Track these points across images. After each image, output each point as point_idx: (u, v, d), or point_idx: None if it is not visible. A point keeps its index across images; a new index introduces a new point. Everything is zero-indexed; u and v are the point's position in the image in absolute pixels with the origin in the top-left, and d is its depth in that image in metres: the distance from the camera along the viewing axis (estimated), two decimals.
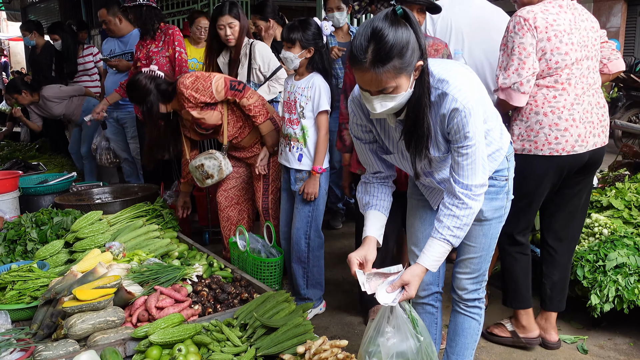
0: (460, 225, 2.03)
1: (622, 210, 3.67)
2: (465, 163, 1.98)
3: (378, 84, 1.82)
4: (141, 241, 3.53)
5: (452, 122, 1.92)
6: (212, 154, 3.76)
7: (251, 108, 3.63)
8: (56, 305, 2.71)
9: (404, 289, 2.05)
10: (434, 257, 2.06)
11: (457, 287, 2.44)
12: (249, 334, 2.61)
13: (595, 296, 3.13)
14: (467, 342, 2.47)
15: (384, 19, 1.80)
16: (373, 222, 2.25)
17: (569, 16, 2.82)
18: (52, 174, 5.19)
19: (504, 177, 2.26)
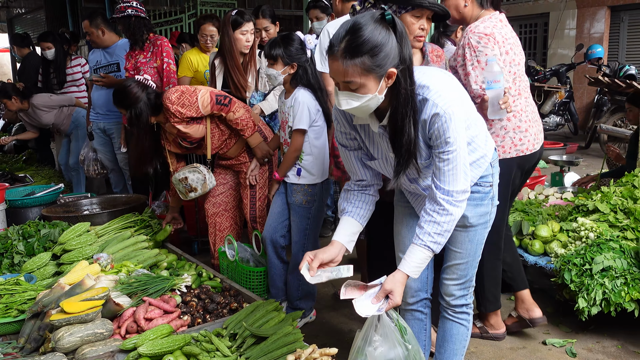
0: (441, 232, 2.03)
1: (607, 214, 3.71)
2: (446, 169, 1.99)
3: (343, 75, 1.84)
4: (129, 252, 3.52)
5: (433, 127, 1.93)
6: (196, 168, 3.75)
7: (238, 122, 3.64)
8: (44, 318, 2.69)
9: (388, 297, 2.04)
10: (415, 264, 2.06)
11: (445, 293, 2.44)
12: (238, 343, 2.61)
13: (583, 299, 3.15)
14: (455, 348, 2.47)
15: (369, 17, 1.83)
16: (343, 228, 2.26)
17: (509, 29, 3.08)
18: (39, 185, 5.16)
19: (489, 183, 2.28)
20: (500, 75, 2.69)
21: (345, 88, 1.88)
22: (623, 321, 3.34)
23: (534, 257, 3.68)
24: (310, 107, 3.25)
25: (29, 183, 5.57)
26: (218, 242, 4.03)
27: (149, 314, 2.72)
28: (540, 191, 4.83)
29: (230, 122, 3.65)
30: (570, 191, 4.84)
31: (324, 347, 2.49)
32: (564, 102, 10.34)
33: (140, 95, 3.56)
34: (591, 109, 10.75)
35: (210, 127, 3.70)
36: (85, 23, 5.23)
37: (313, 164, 3.33)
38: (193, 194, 3.78)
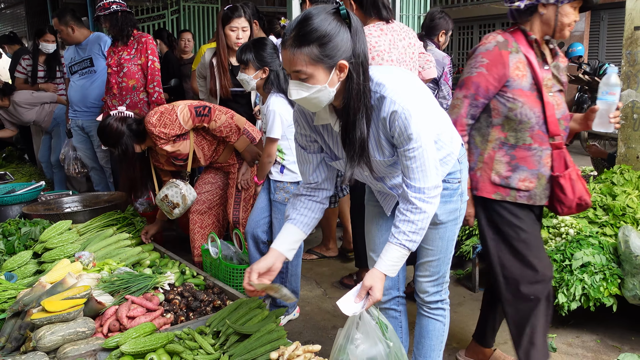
0: (416, 230, 2.02)
1: (587, 210, 3.76)
2: (414, 166, 1.97)
3: (291, 64, 1.84)
4: (112, 250, 3.49)
5: (394, 125, 1.92)
6: (172, 182, 3.75)
7: (222, 129, 3.63)
8: (24, 317, 2.66)
9: (369, 294, 2.05)
10: (391, 262, 2.05)
11: (419, 290, 2.46)
12: (221, 341, 2.60)
13: (563, 295, 3.20)
14: (432, 344, 2.49)
15: (321, 9, 1.84)
16: (285, 236, 2.26)
17: (389, 37, 3.34)
18: (19, 183, 5.11)
19: (457, 179, 2.28)
20: (617, 88, 2.58)
21: (296, 78, 1.87)
22: (602, 316, 3.40)
23: None
24: (282, 114, 3.25)
25: (9, 180, 5.51)
26: (199, 239, 4.03)
27: (131, 312, 2.71)
28: None
29: (214, 131, 3.65)
30: None
31: (307, 344, 2.50)
32: None
33: (121, 129, 3.56)
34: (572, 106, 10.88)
35: (196, 140, 3.70)
36: (54, 21, 5.17)
37: (294, 163, 3.33)
38: (177, 210, 3.77)
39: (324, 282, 4.23)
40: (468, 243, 4.05)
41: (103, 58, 5.13)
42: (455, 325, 3.48)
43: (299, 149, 2.26)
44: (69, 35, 5.13)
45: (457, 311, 3.68)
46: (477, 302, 3.81)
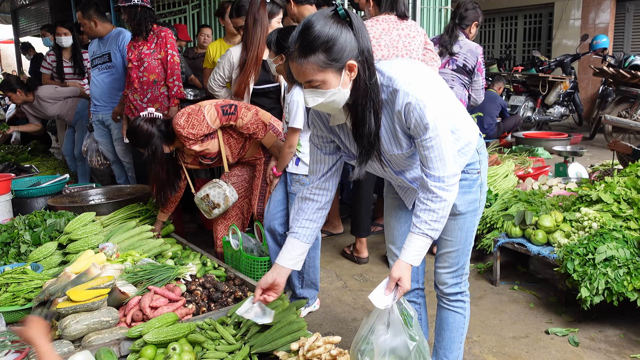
0: (437, 219, 2.03)
1: (611, 204, 3.71)
2: (432, 155, 1.97)
3: (303, 75, 1.85)
4: (135, 242, 3.54)
5: (409, 116, 1.92)
6: (216, 183, 3.77)
7: (249, 126, 3.65)
8: (50, 306, 2.72)
9: (397, 286, 2.06)
10: (415, 252, 2.06)
11: (438, 281, 2.46)
12: (242, 332, 2.63)
13: (585, 289, 3.16)
14: (453, 336, 2.49)
15: (319, 14, 1.84)
16: (288, 252, 2.29)
17: (383, 26, 3.79)
18: (44, 176, 5.19)
19: (476, 170, 2.26)
20: None
21: (309, 86, 1.88)
22: (625, 310, 3.36)
23: (537, 247, 3.68)
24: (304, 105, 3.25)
25: (35, 173, 5.60)
26: (222, 230, 4.05)
27: (154, 303, 2.74)
28: (544, 181, 4.83)
29: (241, 129, 3.67)
30: (574, 182, 4.84)
31: (327, 336, 2.51)
32: (569, 92, 10.30)
33: (151, 131, 3.61)
34: (596, 99, 10.72)
35: (224, 138, 3.72)
36: (78, 15, 5.23)
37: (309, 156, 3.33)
38: (217, 210, 3.80)
39: (344, 274, 4.24)
40: (489, 237, 4.02)
41: (120, 54, 5.18)
42: (476, 319, 3.46)
43: (314, 149, 2.27)
44: (91, 29, 5.19)
45: (477, 304, 3.66)
46: (498, 296, 3.80)
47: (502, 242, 3.90)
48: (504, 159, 5.65)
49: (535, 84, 10.02)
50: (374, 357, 2.02)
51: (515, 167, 5.39)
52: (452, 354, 2.51)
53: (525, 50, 13.31)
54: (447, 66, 4.46)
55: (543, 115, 10.17)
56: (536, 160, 6.19)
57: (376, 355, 2.02)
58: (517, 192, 4.40)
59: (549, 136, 8.23)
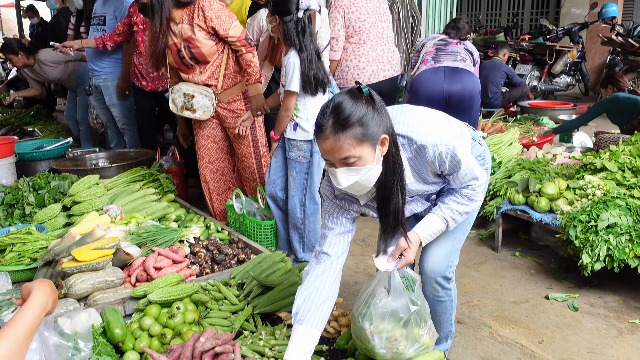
0: (462, 212, 2.12)
1: (615, 172, 3.70)
2: (467, 179, 2.07)
3: (339, 151, 1.78)
4: (138, 204, 3.56)
5: (443, 162, 1.97)
6: (208, 93, 3.67)
7: (251, 64, 3.60)
8: (55, 266, 2.75)
9: (402, 255, 2.09)
10: (430, 231, 2.13)
11: (426, 261, 2.37)
12: (246, 292, 2.66)
13: (587, 255, 3.18)
14: (441, 319, 2.47)
15: (344, 93, 1.82)
16: (298, 344, 2.00)
17: None
18: (48, 139, 5.20)
19: (482, 157, 2.34)
20: None
21: (342, 165, 1.82)
22: (626, 277, 3.38)
23: (540, 214, 3.69)
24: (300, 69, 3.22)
25: (38, 137, 5.60)
26: (217, 205, 4.07)
27: (158, 264, 2.77)
28: (548, 150, 4.81)
29: (244, 62, 3.60)
30: (579, 150, 4.82)
31: None
32: (576, 62, 10.18)
33: None
34: (603, 69, 10.60)
35: (226, 59, 3.66)
36: None
37: (307, 121, 3.32)
38: (188, 112, 3.72)
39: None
40: (492, 204, 4.03)
41: (115, 20, 5.11)
42: (477, 284, 3.49)
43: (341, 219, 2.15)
44: None
45: (478, 270, 3.69)
46: (499, 262, 3.82)
47: (504, 209, 3.91)
48: (508, 127, 5.63)
49: (542, 53, 9.90)
50: (374, 319, 2.04)
51: (519, 135, 5.37)
52: (443, 330, 2.51)
53: (533, 18, 13.11)
54: (459, 45, 4.44)
55: (549, 84, 10.07)
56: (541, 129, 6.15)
57: (375, 318, 2.04)
58: (521, 160, 4.39)
59: (555, 106, 8.16)
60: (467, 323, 3.07)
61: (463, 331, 2.98)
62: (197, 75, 3.66)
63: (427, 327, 2.06)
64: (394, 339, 2.01)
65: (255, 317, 2.56)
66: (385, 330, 2.02)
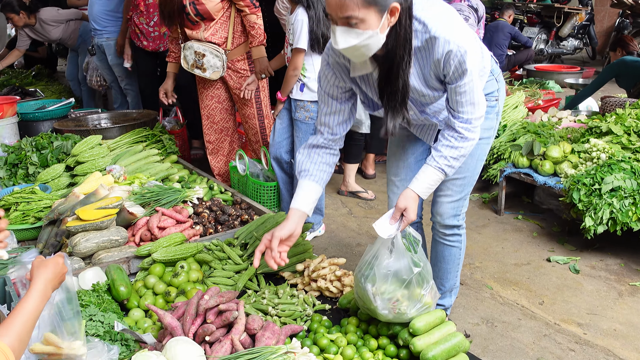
0: (458, 156, 2.00)
1: (621, 135, 3.67)
2: (464, 100, 1.92)
3: (342, 8, 1.68)
4: (141, 165, 3.56)
5: (449, 63, 1.84)
6: (219, 53, 3.63)
7: (254, 26, 3.55)
8: (60, 225, 2.76)
9: (403, 216, 2.04)
10: (427, 184, 2.03)
11: (437, 212, 2.41)
12: (249, 252, 2.68)
13: (590, 218, 3.18)
14: (448, 268, 2.51)
15: None
16: (305, 195, 2.13)
17: None
18: (50, 100, 5.15)
19: (495, 97, 2.23)
20: None
21: (344, 24, 1.72)
22: (628, 240, 3.40)
23: (544, 178, 3.68)
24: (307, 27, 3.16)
25: (40, 97, 5.56)
26: (221, 166, 4.07)
27: (162, 223, 2.78)
28: (553, 114, 4.77)
29: (247, 24, 3.55)
30: (585, 114, 4.78)
31: (332, 258, 2.55)
32: (584, 24, 10.02)
33: None
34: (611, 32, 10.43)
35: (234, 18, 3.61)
36: None
37: (315, 81, 3.28)
38: (198, 71, 3.69)
39: (349, 201, 4.27)
40: (495, 167, 4.02)
41: None
42: (479, 246, 3.51)
43: (330, 100, 2.13)
44: None
45: (481, 233, 3.70)
46: (502, 225, 3.84)
47: (508, 172, 3.90)
48: (514, 91, 5.57)
49: (550, 15, 9.74)
50: (376, 281, 2.05)
51: (525, 99, 5.32)
52: (448, 282, 2.55)
53: None
54: (463, 2, 4.35)
55: (556, 47, 9.94)
56: (547, 92, 6.09)
57: (379, 279, 2.04)
58: (526, 123, 4.36)
59: (561, 69, 8.07)
60: (469, 284, 3.09)
61: (464, 292, 3.01)
62: (200, 32, 3.61)
63: (429, 287, 2.07)
64: (395, 300, 2.02)
65: (258, 276, 2.58)
66: (387, 291, 2.02)
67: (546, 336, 2.66)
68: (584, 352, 2.54)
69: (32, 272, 1.54)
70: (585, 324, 2.75)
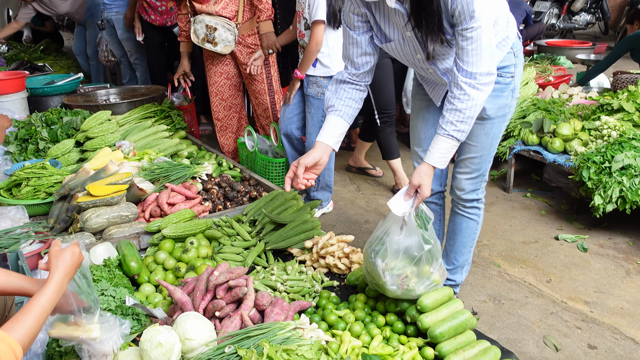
0: (464, 119, 1.94)
1: (632, 113, 3.64)
2: (470, 48, 1.85)
3: None
4: (150, 141, 3.57)
5: (456, 1, 1.79)
6: (231, 27, 3.61)
7: (262, 1, 3.52)
8: (71, 200, 2.78)
9: (417, 192, 2.03)
10: (440, 154, 2.00)
11: (456, 187, 2.44)
12: (258, 229, 2.69)
13: (599, 197, 3.17)
14: (465, 241, 2.52)
15: None
16: (330, 129, 2.15)
17: None
18: (58, 75, 5.15)
19: (510, 73, 2.18)
20: None
21: None
22: (637, 219, 3.38)
23: (553, 155, 3.66)
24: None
25: (49, 72, 5.55)
26: (229, 142, 4.07)
27: (171, 199, 2.80)
28: (564, 90, 4.72)
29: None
30: (596, 91, 4.72)
31: (340, 235, 2.57)
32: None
33: None
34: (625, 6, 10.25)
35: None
36: None
37: (329, 56, 3.25)
38: (209, 45, 3.67)
39: (358, 178, 4.27)
40: (505, 144, 3.99)
41: None
42: (487, 224, 3.51)
43: (347, 31, 2.12)
44: None
45: (489, 210, 3.70)
46: (510, 202, 3.83)
47: (518, 150, 3.88)
48: (524, 67, 5.50)
49: None
50: (387, 257, 2.05)
51: (535, 75, 5.26)
52: (462, 257, 2.56)
53: None
54: None
55: (568, 22, 9.79)
56: (558, 68, 6.01)
57: (389, 255, 2.05)
58: (537, 100, 4.31)
59: (573, 45, 7.95)
60: (476, 262, 3.11)
61: (472, 270, 3.02)
62: (210, 5, 3.57)
63: (437, 265, 2.08)
64: (404, 276, 2.04)
65: (267, 253, 2.60)
66: (397, 267, 2.03)
67: (553, 314, 2.67)
68: (590, 330, 2.56)
69: (50, 262, 1.52)
70: (592, 302, 2.76)
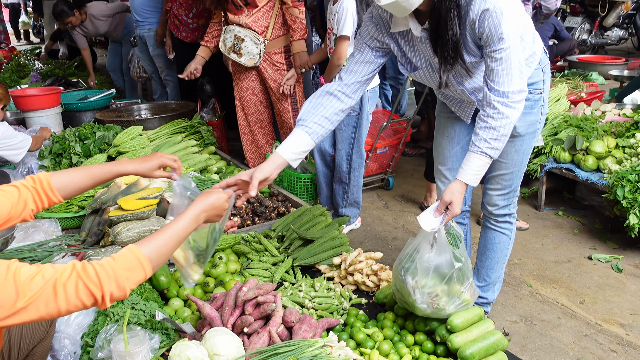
0: (498, 137, 1.93)
1: None
2: (499, 68, 1.86)
3: None
4: (180, 156, 3.61)
5: (483, 24, 1.81)
6: (258, 41, 3.65)
7: (296, 20, 3.56)
8: (102, 214, 2.82)
9: (447, 209, 2.01)
10: (473, 171, 1.99)
11: (488, 203, 2.43)
12: (286, 245, 2.69)
13: (634, 216, 3.10)
14: (497, 257, 2.49)
15: None
16: (294, 144, 2.07)
17: None
18: (92, 90, 5.27)
19: (539, 90, 2.17)
20: None
21: None
22: None
23: (586, 173, 3.59)
24: (355, 14, 3.14)
25: (82, 88, 5.68)
26: (257, 157, 4.09)
27: None
28: (597, 107, 4.64)
29: (289, 17, 3.57)
30: (630, 108, 4.63)
31: (369, 252, 2.55)
32: (630, 14, 9.68)
33: None
34: None
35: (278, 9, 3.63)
36: None
37: None
38: (234, 55, 3.71)
39: (385, 194, 4.25)
40: (536, 162, 3.93)
41: None
42: (518, 243, 3.45)
43: (366, 49, 2.13)
44: None
45: (519, 228, 3.63)
46: (542, 221, 3.76)
47: (549, 167, 3.81)
48: (556, 83, 5.43)
49: (594, 4, 9.44)
50: (417, 274, 2.03)
51: (567, 91, 5.18)
52: (494, 274, 2.52)
53: None
54: None
55: (600, 38, 9.65)
56: (590, 85, 5.92)
57: (419, 272, 2.03)
58: (569, 116, 4.25)
59: (605, 60, 7.83)
60: (507, 281, 3.05)
61: (503, 289, 2.96)
62: (242, 17, 3.63)
63: (468, 284, 2.05)
64: (435, 295, 2.01)
65: (295, 269, 2.60)
66: (427, 285, 2.01)
67: (587, 336, 2.60)
68: (626, 353, 2.48)
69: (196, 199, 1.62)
70: (628, 325, 2.68)
